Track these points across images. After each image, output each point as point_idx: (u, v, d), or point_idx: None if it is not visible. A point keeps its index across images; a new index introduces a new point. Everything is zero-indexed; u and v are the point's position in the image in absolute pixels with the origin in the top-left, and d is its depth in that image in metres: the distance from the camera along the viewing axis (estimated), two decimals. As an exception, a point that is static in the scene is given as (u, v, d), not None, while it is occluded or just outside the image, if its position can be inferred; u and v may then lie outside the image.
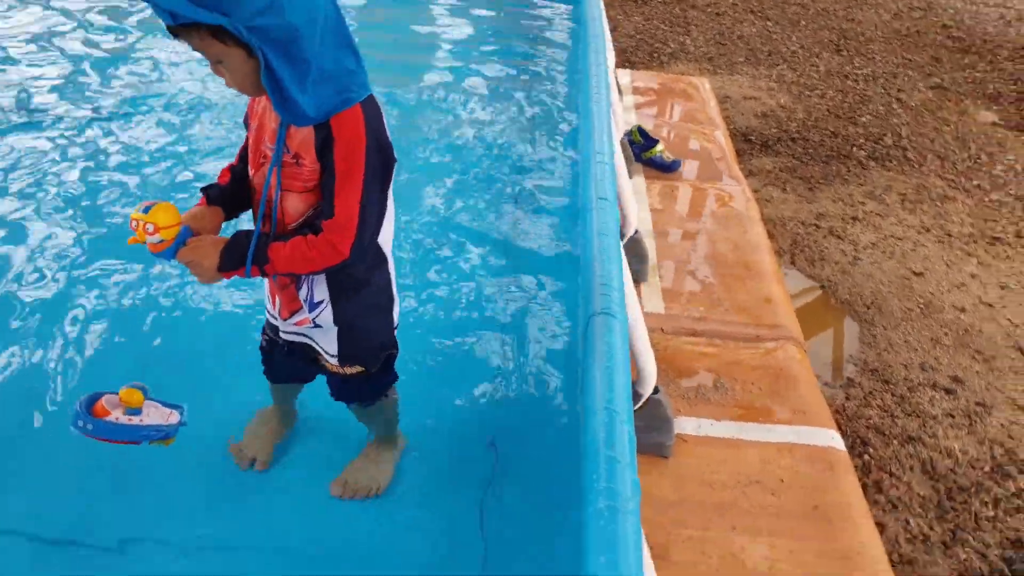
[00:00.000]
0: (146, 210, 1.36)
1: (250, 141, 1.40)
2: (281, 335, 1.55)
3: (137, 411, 1.42)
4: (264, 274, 1.36)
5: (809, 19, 5.80)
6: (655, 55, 4.80)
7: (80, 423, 1.38)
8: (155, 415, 1.47)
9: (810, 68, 4.93)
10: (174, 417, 1.47)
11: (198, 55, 1.28)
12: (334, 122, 1.25)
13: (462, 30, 4.13)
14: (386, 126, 1.30)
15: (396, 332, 1.59)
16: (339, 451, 1.70)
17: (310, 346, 1.54)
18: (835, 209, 3.38)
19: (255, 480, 1.66)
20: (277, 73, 1.20)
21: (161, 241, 1.36)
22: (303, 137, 1.29)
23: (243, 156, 1.46)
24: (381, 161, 1.29)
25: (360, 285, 1.47)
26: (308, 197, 1.34)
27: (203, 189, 1.45)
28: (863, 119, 4.28)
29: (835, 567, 1.51)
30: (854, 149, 3.94)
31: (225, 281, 1.38)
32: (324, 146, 1.27)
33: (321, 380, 1.64)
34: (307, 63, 1.21)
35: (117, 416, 1.40)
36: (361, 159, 1.27)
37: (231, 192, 1.46)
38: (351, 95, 1.26)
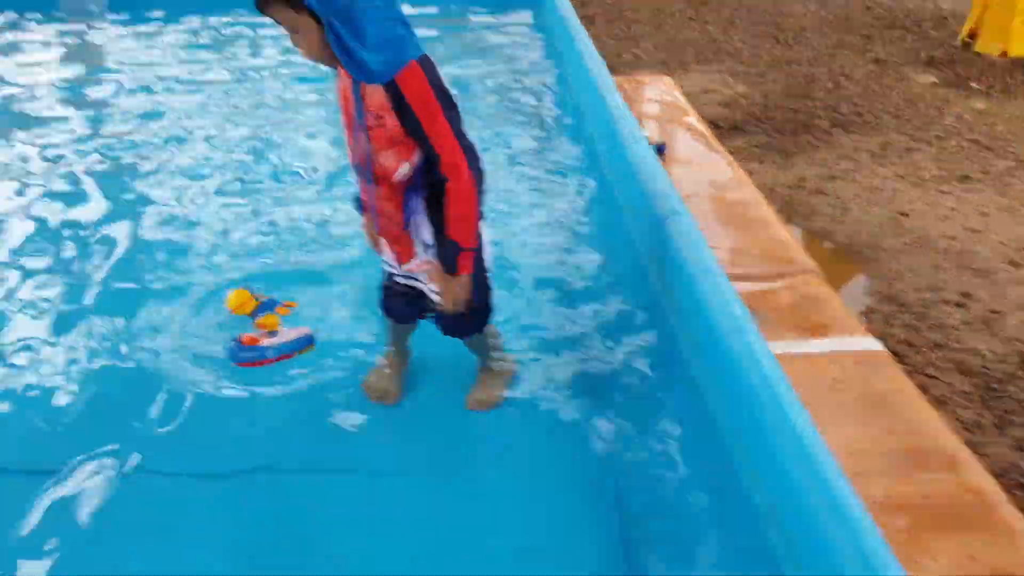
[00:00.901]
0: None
1: (342, 121, 1.62)
2: (396, 279, 1.79)
3: (274, 332, 1.71)
4: (470, 249, 1.61)
5: (744, 18, 6.13)
6: (612, 66, 4.99)
7: (244, 355, 1.67)
8: (290, 332, 1.76)
9: (756, 59, 5.20)
10: (305, 330, 1.77)
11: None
12: (399, 79, 1.45)
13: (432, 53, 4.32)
14: (440, 76, 1.51)
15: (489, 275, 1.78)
16: (451, 380, 1.93)
17: (420, 289, 1.76)
18: (813, 171, 3.57)
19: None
20: (342, 37, 1.40)
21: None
22: (379, 100, 1.49)
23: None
24: (448, 99, 1.50)
25: None
26: (399, 150, 1.54)
27: (355, 206, 1.78)
28: (817, 95, 4.54)
29: (910, 440, 1.61)
30: (816, 120, 4.17)
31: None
32: (398, 103, 1.47)
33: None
34: (364, 29, 1.42)
35: (267, 341, 1.70)
36: (434, 100, 1.47)
37: None
38: (407, 55, 1.46)
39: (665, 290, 2.07)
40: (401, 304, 1.86)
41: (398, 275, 1.79)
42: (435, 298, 1.72)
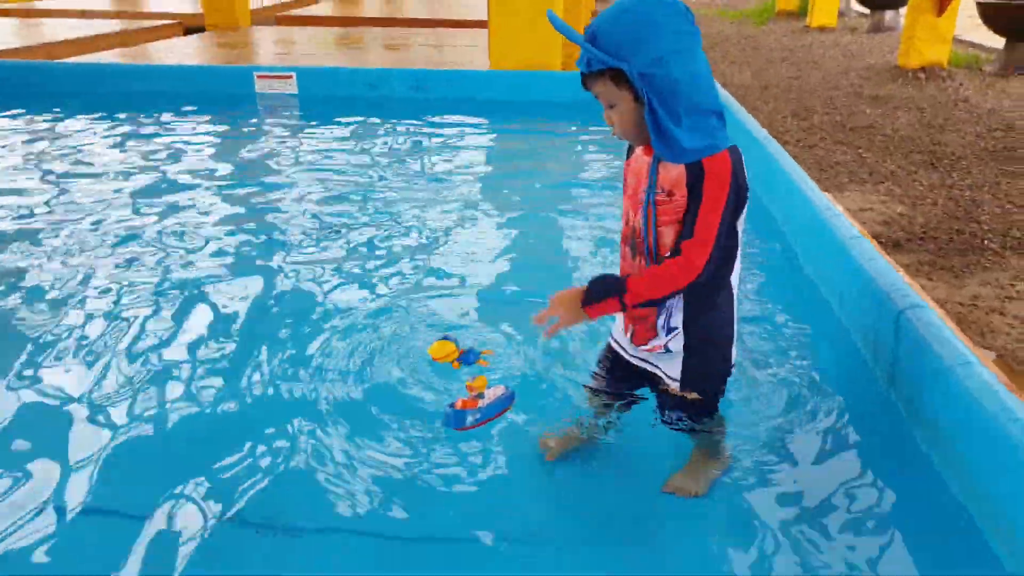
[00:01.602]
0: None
1: (627, 195, 1.71)
2: (628, 357, 1.80)
3: (482, 395, 1.77)
4: (623, 306, 1.59)
5: (896, 146, 6.12)
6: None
7: (468, 419, 1.73)
8: (494, 391, 1.80)
9: (914, 183, 5.16)
10: (502, 389, 1.81)
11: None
12: (706, 162, 1.52)
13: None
14: (745, 171, 1.58)
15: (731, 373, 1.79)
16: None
17: (653, 373, 1.78)
18: (987, 292, 3.46)
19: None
20: (659, 117, 1.48)
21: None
22: (676, 176, 1.55)
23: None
24: (739, 198, 1.56)
25: (711, 310, 1.68)
26: (680, 228, 1.58)
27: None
28: (983, 218, 4.43)
29: None
30: (985, 242, 4.06)
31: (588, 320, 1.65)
32: (695, 181, 1.53)
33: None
34: (680, 115, 1.49)
35: (480, 403, 1.74)
36: (726, 191, 1.52)
37: None
38: (718, 143, 1.52)
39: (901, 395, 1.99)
40: (618, 379, 1.87)
41: (628, 354, 1.80)
42: (671, 384, 1.74)
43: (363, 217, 3.68)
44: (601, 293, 1.58)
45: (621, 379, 1.88)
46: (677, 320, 1.66)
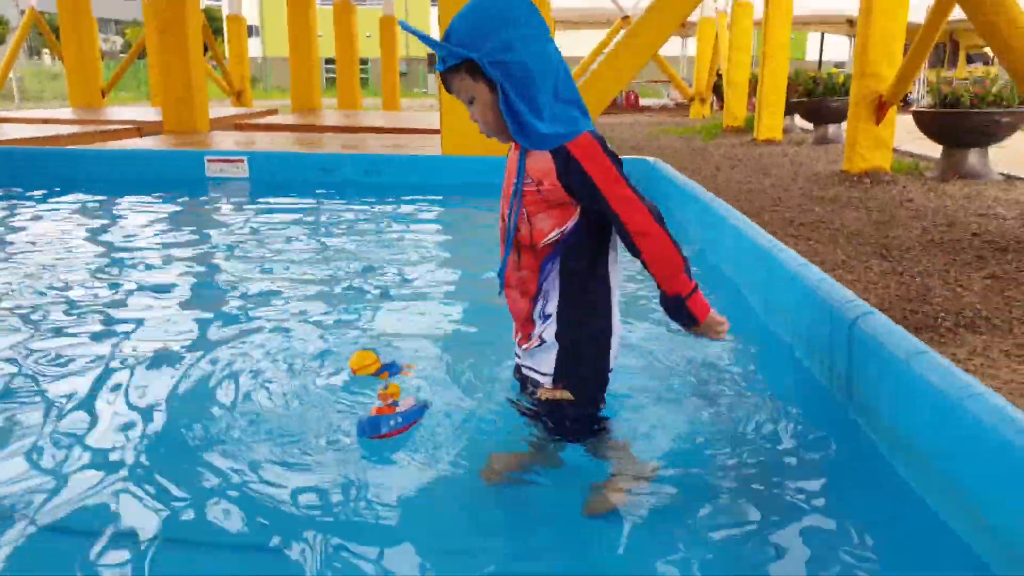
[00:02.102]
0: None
1: (503, 192, 1.71)
2: (522, 370, 1.78)
3: (396, 402, 1.73)
4: (692, 290, 1.60)
5: (845, 238, 6.22)
6: (717, 268, 5.11)
7: (383, 427, 1.67)
8: (406, 401, 1.76)
9: (865, 270, 5.18)
10: (412, 400, 1.78)
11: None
12: (570, 145, 1.54)
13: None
14: (610, 146, 1.59)
15: (607, 387, 1.71)
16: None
17: (532, 379, 1.74)
18: (946, 363, 3.37)
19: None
20: (515, 105, 1.53)
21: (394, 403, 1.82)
22: (544, 167, 1.57)
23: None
24: (617, 160, 1.57)
25: (583, 296, 1.66)
26: (553, 213, 1.59)
27: (499, 286, 1.77)
28: (935, 300, 4.42)
29: None
30: (939, 321, 4.02)
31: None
32: (566, 167, 1.54)
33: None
34: (536, 101, 1.54)
35: (396, 409, 1.71)
36: (607, 162, 1.54)
37: None
38: (577, 128, 1.56)
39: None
40: (528, 392, 1.82)
41: (520, 361, 1.80)
42: (543, 381, 1.72)
43: (306, 281, 3.64)
44: (685, 313, 1.60)
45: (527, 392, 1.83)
46: (552, 307, 1.67)
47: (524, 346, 1.74)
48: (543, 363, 1.71)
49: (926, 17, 7.72)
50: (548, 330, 1.67)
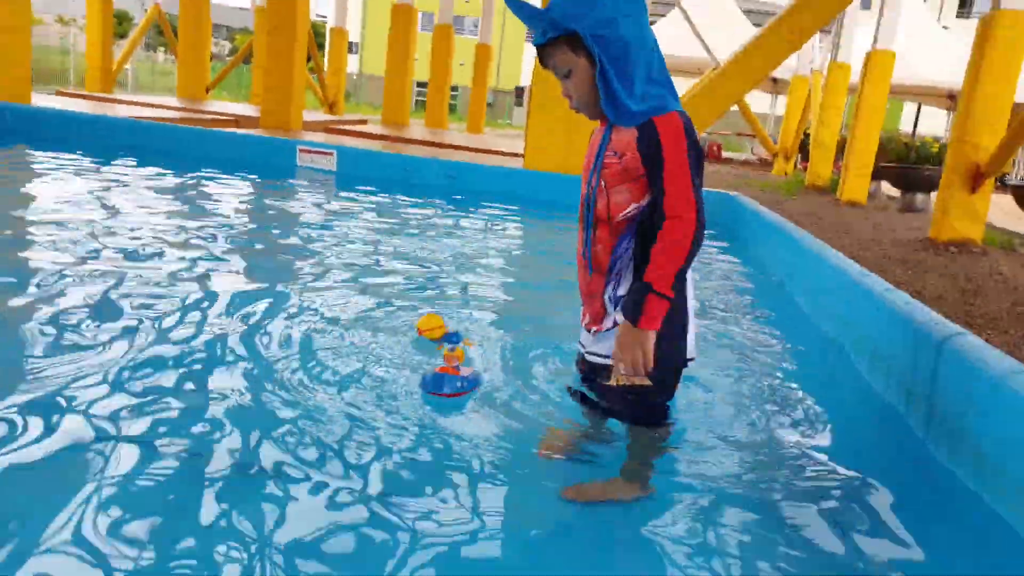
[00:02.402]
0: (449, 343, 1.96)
1: (584, 168, 1.72)
2: (587, 358, 1.75)
3: (459, 366, 1.81)
4: (663, 295, 1.53)
5: (927, 303, 6.01)
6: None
7: (446, 387, 1.78)
8: (468, 369, 1.86)
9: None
10: (472, 370, 1.85)
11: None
12: (657, 120, 1.56)
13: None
14: (697, 137, 1.60)
15: (682, 375, 1.68)
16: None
17: (604, 365, 1.69)
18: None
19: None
20: (611, 82, 1.56)
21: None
22: (627, 139, 1.59)
23: None
24: (697, 153, 1.56)
25: None
26: (631, 187, 1.60)
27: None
28: None
29: None
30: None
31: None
32: (648, 141, 1.55)
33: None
34: (631, 80, 1.57)
35: (460, 373, 1.80)
36: (684, 146, 1.54)
37: None
38: (666, 105, 1.59)
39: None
40: (589, 382, 1.82)
41: (586, 350, 1.77)
42: (614, 376, 1.66)
43: (382, 268, 3.75)
44: (636, 305, 1.52)
45: (589, 381, 1.83)
46: (624, 289, 1.65)
47: (594, 329, 1.71)
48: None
49: (1035, 90, 7.48)
50: (620, 314, 1.64)
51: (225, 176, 5.79)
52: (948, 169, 8.05)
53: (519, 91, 43.34)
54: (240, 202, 5.22)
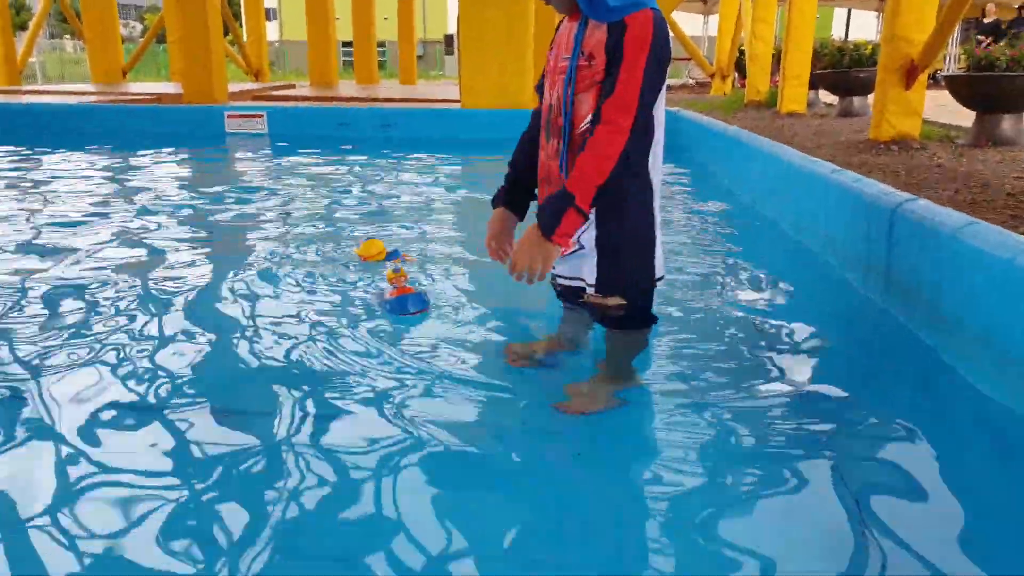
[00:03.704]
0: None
1: (548, 69, 1.61)
2: (558, 280, 1.75)
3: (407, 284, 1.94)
4: (581, 211, 1.46)
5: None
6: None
7: (411, 306, 1.88)
8: (409, 288, 2.10)
9: (897, 224, 5.05)
10: (413, 289, 2.10)
11: None
12: (628, 19, 1.46)
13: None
14: (668, 34, 1.50)
15: (657, 285, 1.65)
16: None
17: (579, 287, 1.67)
18: None
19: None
20: None
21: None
22: (597, 39, 1.49)
23: (534, 123, 1.72)
24: (660, 57, 1.46)
25: (623, 202, 1.53)
26: (594, 95, 1.49)
27: (492, 201, 1.74)
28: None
29: None
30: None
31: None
32: (616, 41, 1.46)
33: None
34: None
35: (413, 290, 1.89)
36: (647, 49, 1.44)
37: (514, 189, 1.66)
38: (644, 3, 1.49)
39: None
40: (567, 305, 1.81)
41: (558, 276, 1.77)
42: (590, 291, 1.68)
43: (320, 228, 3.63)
44: (555, 214, 1.45)
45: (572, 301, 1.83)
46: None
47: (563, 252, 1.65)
48: (584, 270, 1.61)
49: (959, -22, 7.51)
50: (586, 235, 1.58)
51: (153, 151, 5.56)
52: (882, 68, 8.10)
53: (448, 39, 42.46)
54: (171, 175, 5.03)
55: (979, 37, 14.06)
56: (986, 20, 16.10)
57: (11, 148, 6.02)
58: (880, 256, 2.06)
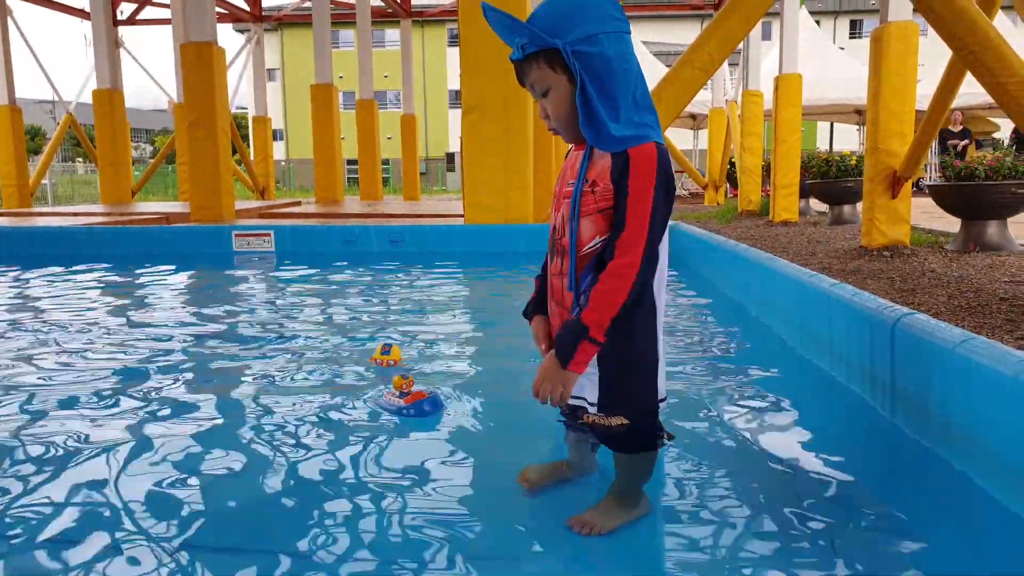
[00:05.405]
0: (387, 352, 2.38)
1: (556, 193, 1.68)
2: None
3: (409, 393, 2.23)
4: (596, 341, 1.49)
5: (871, 305, 6.15)
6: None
7: (431, 405, 1.98)
8: (420, 392, 2.23)
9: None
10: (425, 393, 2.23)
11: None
12: (632, 151, 1.50)
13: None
14: (672, 166, 1.55)
15: (661, 410, 1.65)
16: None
17: (581, 407, 1.63)
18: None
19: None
20: (592, 102, 1.49)
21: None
22: (601, 166, 1.54)
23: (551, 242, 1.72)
24: (667, 190, 1.51)
25: (627, 323, 1.55)
26: (597, 219, 1.54)
27: (523, 313, 1.77)
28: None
29: None
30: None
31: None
32: (621, 171, 1.50)
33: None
34: (615, 101, 1.51)
35: (427, 394, 2.03)
36: (652, 183, 1.49)
37: (541, 299, 1.71)
38: (648, 135, 1.53)
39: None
40: (573, 424, 1.80)
41: None
42: (591, 410, 1.64)
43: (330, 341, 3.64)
44: (570, 347, 1.49)
45: (573, 421, 1.80)
46: None
47: None
48: (586, 390, 1.61)
49: (934, 94, 7.90)
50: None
51: (161, 271, 5.65)
52: (867, 179, 8.38)
53: (450, 157, 43.88)
54: (179, 295, 5.10)
55: (950, 143, 14.65)
56: (954, 129, 16.83)
57: (9, 267, 6.11)
58: (884, 367, 2.10)
